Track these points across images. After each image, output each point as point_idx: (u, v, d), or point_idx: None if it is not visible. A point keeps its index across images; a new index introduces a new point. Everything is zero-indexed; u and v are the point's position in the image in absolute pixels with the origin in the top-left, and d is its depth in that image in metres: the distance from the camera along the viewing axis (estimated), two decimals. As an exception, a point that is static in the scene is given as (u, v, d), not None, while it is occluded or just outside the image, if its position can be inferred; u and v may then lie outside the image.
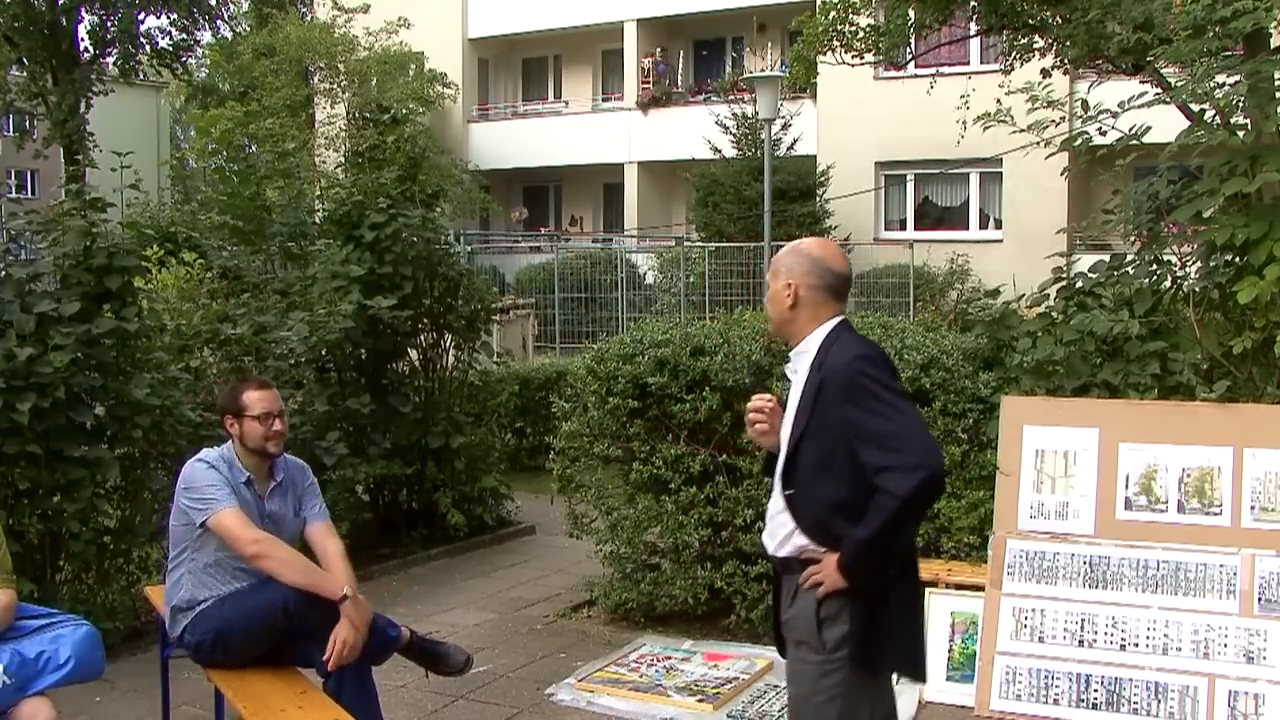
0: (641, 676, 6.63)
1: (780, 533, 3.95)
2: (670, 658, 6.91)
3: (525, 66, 33.76)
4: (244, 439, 5.07)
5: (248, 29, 35.82)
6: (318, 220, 10.84)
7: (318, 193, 12.82)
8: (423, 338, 10.00)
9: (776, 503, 3.97)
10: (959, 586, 6.46)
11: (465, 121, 32.04)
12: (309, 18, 32.97)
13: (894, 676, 4.03)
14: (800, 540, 3.87)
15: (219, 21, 36.81)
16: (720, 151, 25.49)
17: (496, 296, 12.43)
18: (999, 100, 7.70)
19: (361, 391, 9.29)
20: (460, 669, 5.31)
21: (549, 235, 30.54)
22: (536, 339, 18.63)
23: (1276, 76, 6.67)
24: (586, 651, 7.12)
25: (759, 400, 4.08)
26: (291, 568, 4.85)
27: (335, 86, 29.80)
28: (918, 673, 4.02)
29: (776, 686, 6.49)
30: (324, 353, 8.97)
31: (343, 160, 26.46)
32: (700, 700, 6.28)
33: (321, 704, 4.69)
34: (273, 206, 10.69)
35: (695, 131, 26.25)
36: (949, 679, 6.33)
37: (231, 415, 5.11)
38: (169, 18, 35.05)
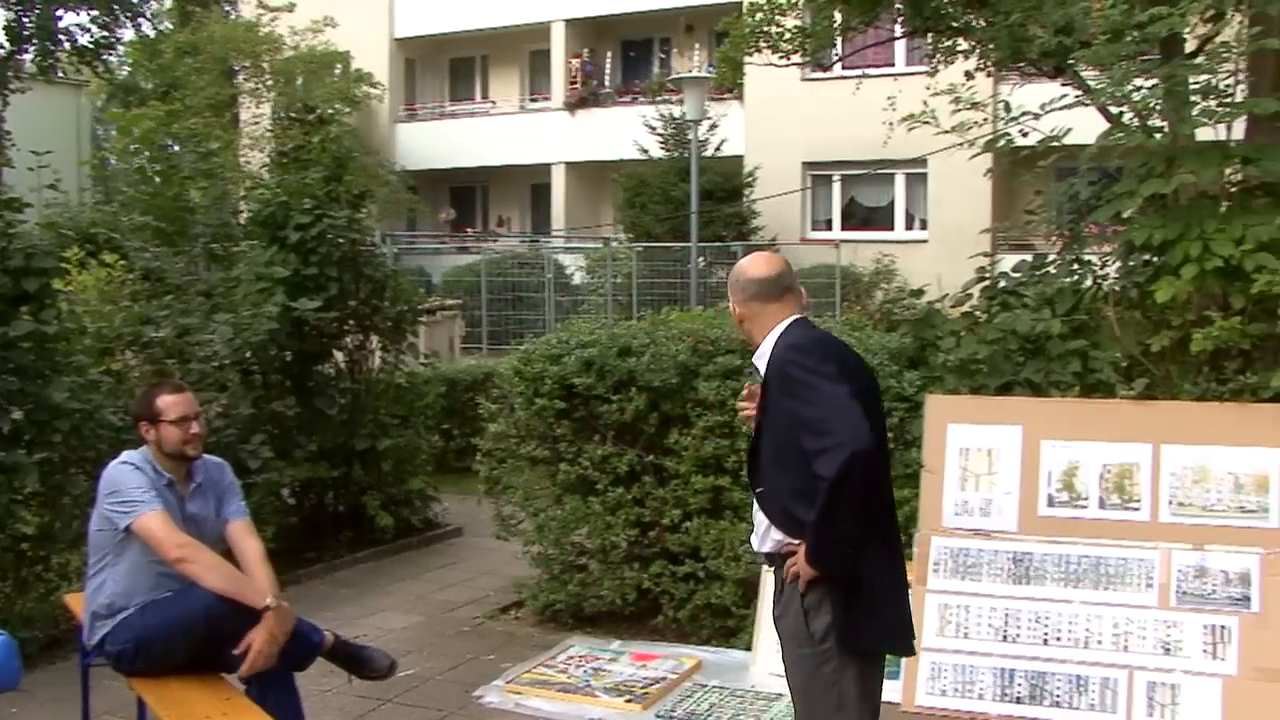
0: (569, 677, 6.62)
1: (760, 529, 4.10)
2: (598, 658, 6.91)
3: (452, 66, 33.59)
4: (161, 444, 5.00)
5: (170, 27, 35.29)
6: (242, 221, 10.73)
7: (242, 193, 12.67)
8: (349, 339, 9.92)
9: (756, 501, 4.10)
10: (885, 584, 6.50)
11: (392, 122, 31.84)
12: (233, 16, 32.57)
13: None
14: (776, 535, 4.00)
15: (141, 19, 36.21)
16: (648, 152, 25.52)
17: (423, 297, 12.37)
18: (925, 102, 7.78)
19: (287, 394, 9.21)
20: (385, 673, 5.26)
21: (476, 236, 30.41)
22: (464, 340, 18.51)
23: (1191, 80, 6.78)
24: (514, 653, 7.09)
25: (747, 389, 4.22)
26: (216, 574, 4.79)
27: (260, 86, 29.47)
28: (906, 648, 4.12)
29: (704, 685, 6.51)
30: (248, 355, 8.88)
31: (268, 160, 26.10)
32: (629, 700, 6.28)
33: (246, 710, 4.65)
34: (196, 207, 10.56)
35: (623, 132, 26.26)
36: (875, 676, 6.37)
37: (146, 421, 5.03)
38: (89, 14, 34.40)
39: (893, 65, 21.72)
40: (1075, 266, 7.29)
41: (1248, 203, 6.66)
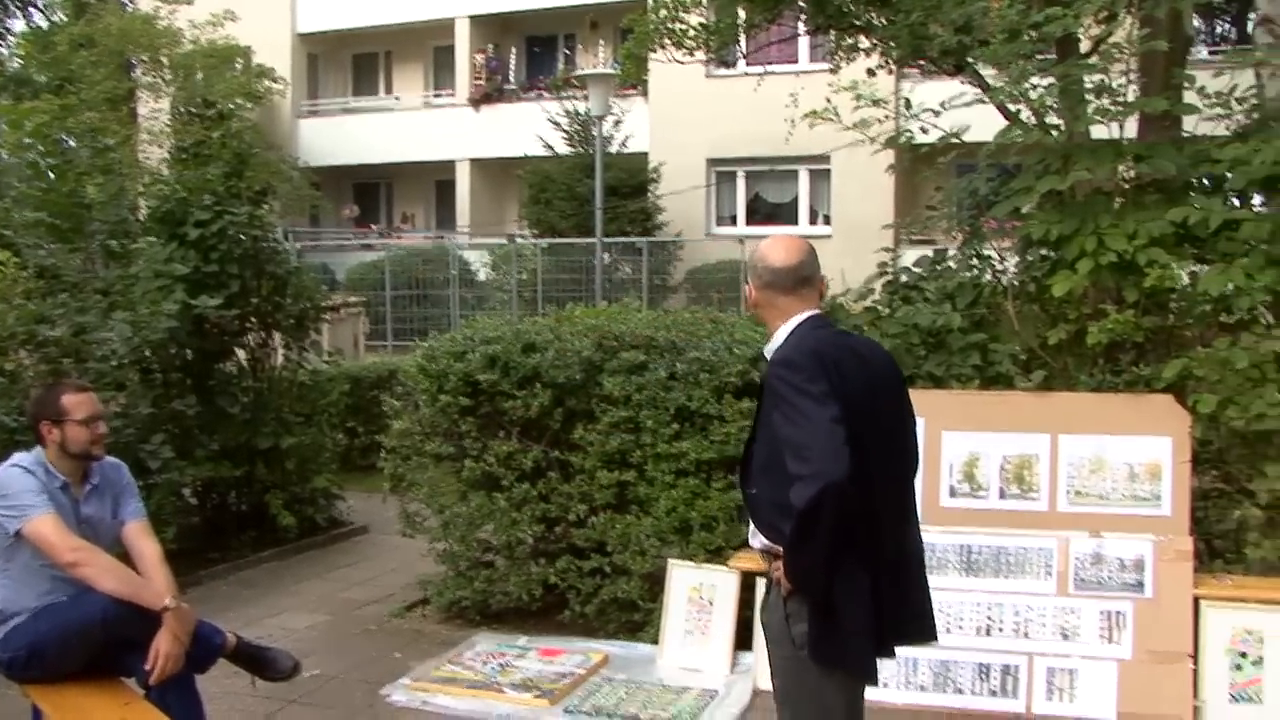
0: (477, 674, 6.60)
1: (753, 525, 3.98)
2: (505, 655, 6.90)
3: (356, 62, 33.24)
4: (66, 445, 4.90)
5: (64, 18, 34.55)
6: (140, 217, 10.54)
7: (140, 189, 12.43)
8: (250, 337, 9.82)
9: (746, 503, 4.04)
10: (790, 576, 6.55)
11: (294, 117, 31.44)
12: (130, 8, 31.95)
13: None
14: (759, 540, 3.92)
15: (32, 8, 35.46)
16: (552, 148, 25.44)
17: (326, 294, 12.25)
18: (827, 99, 7.84)
19: (187, 392, 9.09)
20: (288, 674, 5.20)
21: (381, 233, 30.14)
22: (368, 337, 18.38)
23: (1085, 80, 6.90)
24: (421, 651, 7.07)
25: None
26: (111, 576, 4.70)
27: (159, 80, 28.92)
28: (869, 677, 3.90)
29: (611, 680, 6.52)
30: (148, 353, 8.75)
31: (167, 156, 25.71)
32: (536, 696, 6.27)
33: (146, 715, 4.58)
34: (92, 203, 10.35)
35: (528, 128, 26.15)
36: (781, 667, 6.42)
37: (49, 421, 4.92)
38: (-26, 4, 33.71)
39: (796, 62, 21.84)
40: (975, 261, 7.41)
41: (1140, 199, 6.81)
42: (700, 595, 6.74)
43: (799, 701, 3.90)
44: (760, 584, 6.49)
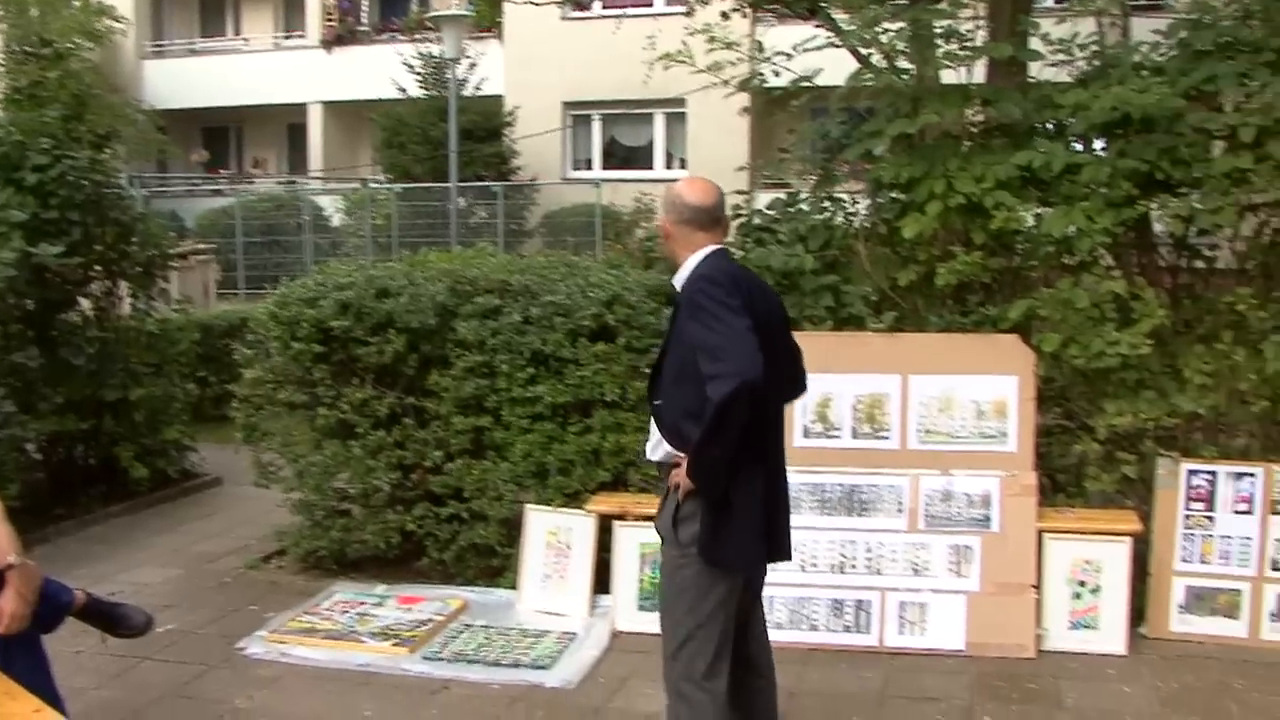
0: (335, 624, 6.55)
1: (653, 440, 4.35)
2: (364, 603, 6.85)
3: (202, 2, 32.36)
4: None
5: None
6: (-28, 162, 10.16)
7: (-28, 133, 11.99)
8: (95, 286, 9.52)
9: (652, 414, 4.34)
10: (647, 519, 6.57)
11: (138, 58, 30.50)
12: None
13: None
14: (665, 446, 4.24)
15: None
16: (406, 92, 25.11)
17: (175, 241, 11.95)
18: (684, 42, 7.84)
19: (29, 344, 8.78)
20: (141, 630, 5.09)
21: (231, 178, 29.51)
22: (219, 285, 18.01)
23: (935, 25, 6.99)
24: (278, 602, 6.97)
25: None
26: (-50, 533, 4.55)
27: (-11, 17, 27.88)
28: (757, 570, 4.40)
29: (471, 625, 6.52)
30: (-15, 304, 8.45)
31: (0, 97, 24.83)
32: (395, 644, 6.25)
33: (-11, 674, 4.45)
34: (-81, 147, 9.96)
35: (381, 71, 25.72)
36: (640, 608, 6.47)
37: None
38: None
39: (651, 5, 21.86)
40: (827, 204, 7.49)
41: (987, 143, 6.94)
42: (558, 539, 6.76)
43: (673, 594, 4.26)
44: (618, 528, 6.56)
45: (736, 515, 4.13)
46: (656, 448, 4.34)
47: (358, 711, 5.53)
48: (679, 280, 4.31)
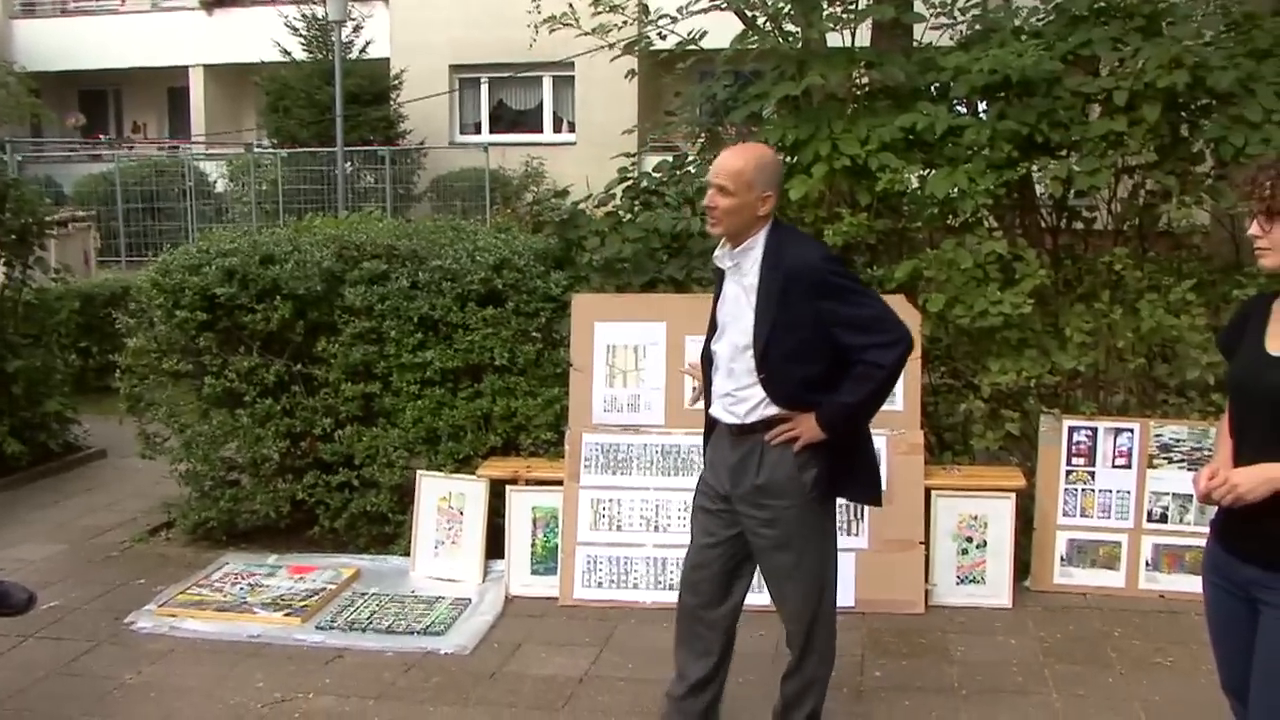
0: (226, 596, 6.47)
1: (746, 404, 4.35)
2: (254, 574, 6.78)
3: (73, -40, 31.51)
4: None
5: None
6: None
7: None
8: (-34, 255, 9.29)
9: (736, 380, 4.37)
10: (539, 482, 6.61)
11: (7, 18, 29.62)
12: None
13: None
14: (772, 409, 4.30)
15: None
16: (290, 55, 24.71)
17: (52, 208, 11.66)
18: (570, 4, 7.79)
19: (-105, 317, 8.56)
20: (23, 607, 4.99)
21: (110, 143, 28.78)
22: (99, 253, 17.61)
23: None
24: (167, 575, 6.87)
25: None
26: None
27: None
28: (876, 499, 4.67)
29: (364, 593, 6.49)
30: None
31: None
32: (287, 614, 6.20)
33: None
34: None
35: (264, 33, 25.22)
36: (534, 572, 6.50)
37: None
38: None
39: (538, -34, 21.65)
40: (714, 166, 7.49)
41: (872, 105, 6.99)
42: (450, 505, 6.74)
43: (810, 536, 4.40)
44: (511, 492, 6.54)
45: (866, 452, 4.50)
46: (751, 412, 4.34)
47: (250, 683, 5.48)
48: (749, 252, 4.31)
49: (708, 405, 4.55)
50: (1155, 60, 6.26)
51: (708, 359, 4.53)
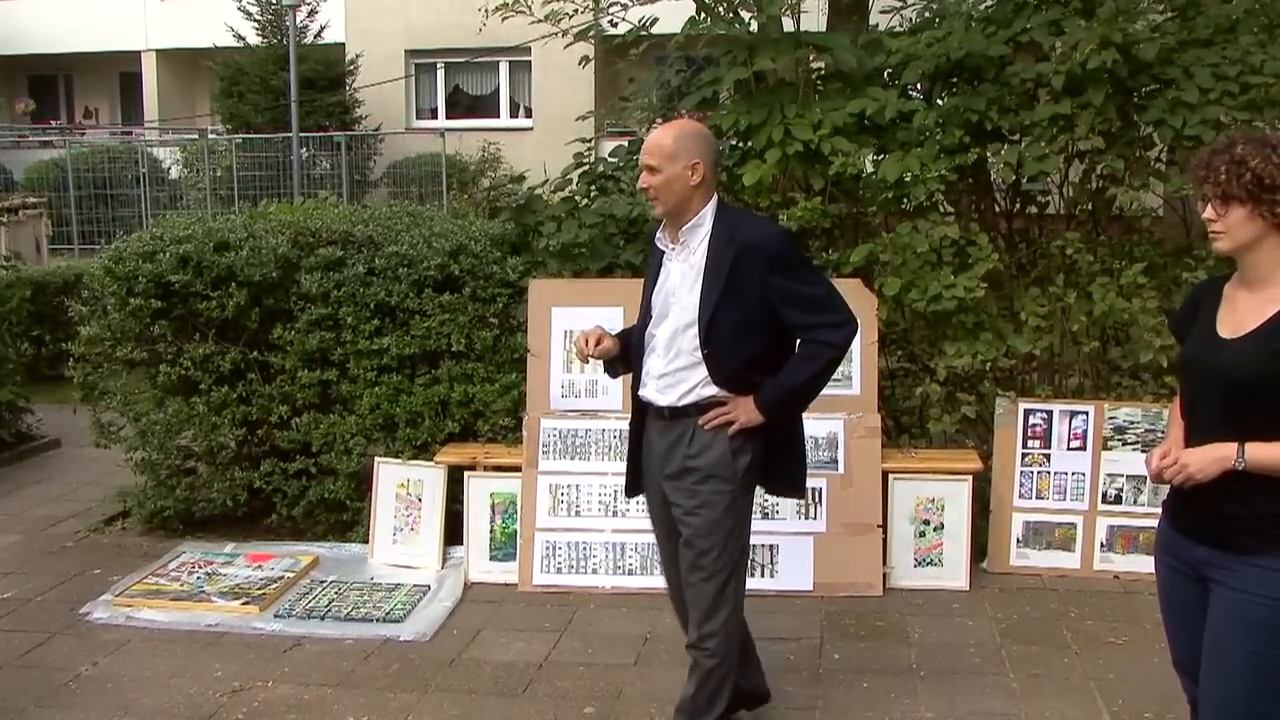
0: (183, 585, 6.45)
1: (683, 386, 4.28)
2: (212, 563, 6.76)
3: (22, -58, 31.08)
4: None
5: None
6: None
7: None
8: (-85, 243, 9.20)
9: (674, 361, 4.29)
10: (497, 468, 6.61)
11: (-49, 1, 29.25)
12: None
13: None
14: (709, 390, 4.24)
15: None
16: (244, 39, 24.52)
17: (2, 195, 11.56)
18: (525, -11, 7.77)
19: None
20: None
21: (61, 128, 28.48)
22: (51, 240, 17.44)
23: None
24: (123, 565, 6.84)
25: (591, 338, 4.43)
26: None
27: None
28: (799, 491, 4.62)
29: (323, 581, 6.48)
30: None
31: None
32: (246, 603, 6.18)
33: None
34: None
35: (217, 18, 24.96)
36: (492, 558, 6.51)
37: None
38: None
39: (492, -49, 21.56)
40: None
41: (825, 90, 7.02)
42: (408, 491, 6.74)
43: (729, 523, 4.31)
44: (469, 478, 6.54)
45: (798, 442, 4.47)
46: (687, 394, 4.28)
47: (208, 672, 5.46)
48: (697, 228, 4.26)
49: (635, 388, 4.49)
50: (1087, 42, 6.29)
51: (640, 342, 4.44)
